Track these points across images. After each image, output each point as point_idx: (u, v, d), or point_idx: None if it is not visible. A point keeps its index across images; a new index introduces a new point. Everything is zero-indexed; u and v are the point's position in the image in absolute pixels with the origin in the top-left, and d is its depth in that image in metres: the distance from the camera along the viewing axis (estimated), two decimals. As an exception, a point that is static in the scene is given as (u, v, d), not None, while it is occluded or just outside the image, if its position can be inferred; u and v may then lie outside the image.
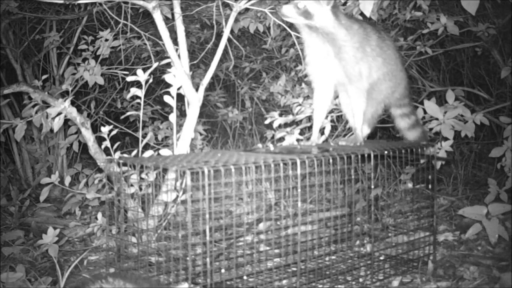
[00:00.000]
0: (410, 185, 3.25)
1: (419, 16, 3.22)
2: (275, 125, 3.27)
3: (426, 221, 2.63)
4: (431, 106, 2.80)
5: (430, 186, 2.51)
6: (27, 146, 4.54)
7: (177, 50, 2.86)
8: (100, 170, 3.17)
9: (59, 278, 2.32)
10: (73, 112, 2.91)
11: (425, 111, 2.87)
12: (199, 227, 2.00)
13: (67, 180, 2.95)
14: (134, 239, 2.64)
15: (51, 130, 2.95)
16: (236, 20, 3.42)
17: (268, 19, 3.39)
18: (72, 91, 3.25)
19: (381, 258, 2.63)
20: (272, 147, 2.54)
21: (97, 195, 2.99)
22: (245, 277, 2.19)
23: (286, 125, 3.28)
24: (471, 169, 4.02)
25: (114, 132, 2.90)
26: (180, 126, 3.04)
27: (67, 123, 3.07)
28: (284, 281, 2.38)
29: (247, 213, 3.17)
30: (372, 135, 2.67)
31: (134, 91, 2.85)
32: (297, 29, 2.59)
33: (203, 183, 1.85)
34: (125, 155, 2.86)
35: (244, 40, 4.89)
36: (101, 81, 3.47)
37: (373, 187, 2.64)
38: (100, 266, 2.70)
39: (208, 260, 1.95)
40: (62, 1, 3.23)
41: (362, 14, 2.81)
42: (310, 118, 3.30)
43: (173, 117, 2.86)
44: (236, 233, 2.78)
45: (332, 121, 3.24)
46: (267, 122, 3.32)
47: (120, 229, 2.41)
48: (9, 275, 2.40)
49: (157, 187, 2.85)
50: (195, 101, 2.87)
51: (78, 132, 3.14)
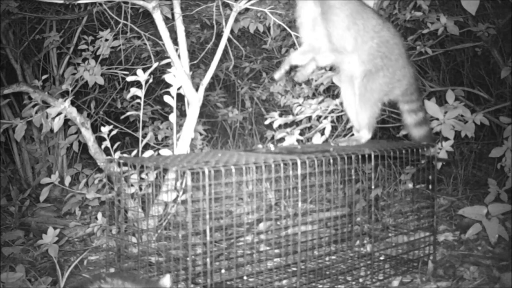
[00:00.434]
0: (410, 185, 3.25)
1: (419, 16, 3.22)
2: (275, 125, 3.27)
3: (426, 221, 2.63)
4: (431, 106, 2.80)
5: (430, 186, 2.51)
6: (27, 146, 4.54)
7: (177, 50, 2.86)
8: (100, 170, 3.17)
9: (59, 278, 2.32)
10: (73, 112, 2.91)
11: (426, 113, 2.87)
12: (199, 227, 2.00)
13: (67, 180, 2.95)
14: (134, 239, 2.64)
15: (51, 130, 2.95)
16: (236, 20, 3.42)
17: (268, 19, 3.39)
18: (72, 91, 3.25)
19: (381, 258, 2.63)
20: (272, 147, 2.54)
21: (97, 195, 2.99)
22: (245, 277, 2.19)
23: (286, 125, 3.28)
24: (471, 169, 4.02)
25: (114, 132, 2.90)
26: (180, 126, 3.05)
27: (67, 123, 3.07)
28: (284, 281, 2.38)
29: (247, 213, 3.17)
30: (372, 135, 2.67)
31: (134, 91, 2.85)
32: (297, 29, 2.60)
33: (204, 183, 1.85)
34: (125, 155, 2.86)
35: (244, 40, 4.89)
36: (101, 81, 3.47)
37: (373, 187, 2.64)
38: (100, 266, 2.70)
39: (208, 260, 1.95)
40: (62, 1, 3.23)
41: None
42: (310, 119, 3.30)
43: (173, 117, 2.86)
44: (236, 233, 2.78)
45: (332, 121, 3.24)
46: (267, 122, 3.32)
47: (120, 229, 2.40)
48: (9, 275, 2.40)
49: (157, 187, 2.85)
50: (195, 101, 2.87)
51: (78, 132, 3.14)
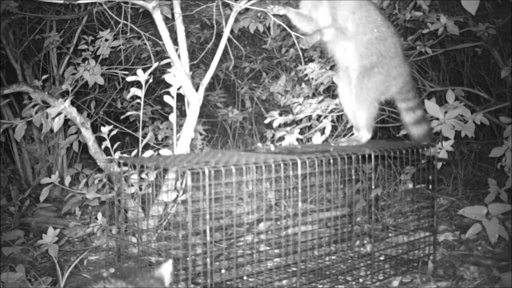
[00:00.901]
0: (410, 185, 3.25)
1: (419, 16, 3.22)
2: (275, 124, 3.27)
3: (426, 221, 2.63)
4: (431, 106, 2.80)
5: (430, 186, 2.51)
6: (27, 146, 4.54)
7: (177, 50, 2.86)
8: (100, 170, 3.17)
9: (59, 278, 2.32)
10: (73, 112, 2.91)
11: (425, 111, 2.87)
12: (199, 227, 2.00)
13: (67, 180, 2.95)
14: (134, 239, 2.64)
15: (51, 130, 2.95)
16: (236, 20, 3.42)
17: (268, 19, 3.39)
18: (72, 91, 3.25)
19: (381, 258, 2.63)
20: (273, 147, 2.54)
21: (97, 195, 2.99)
22: (245, 277, 2.19)
23: (286, 124, 3.28)
24: (471, 169, 4.02)
25: (114, 132, 2.90)
26: (180, 126, 3.05)
27: (67, 123, 3.07)
28: (284, 281, 2.38)
29: (247, 213, 3.17)
30: (372, 135, 2.67)
31: (134, 91, 2.85)
32: (297, 29, 2.60)
33: (204, 183, 1.85)
34: (125, 155, 2.86)
35: (244, 40, 4.89)
36: (101, 81, 3.47)
37: (373, 187, 2.64)
38: (100, 266, 2.70)
39: (208, 260, 1.95)
40: (62, 1, 3.23)
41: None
42: (310, 118, 3.30)
43: (173, 117, 2.86)
44: (236, 233, 2.78)
45: (332, 120, 3.24)
46: (267, 121, 3.32)
47: (120, 229, 2.40)
48: (9, 275, 2.40)
49: (157, 187, 2.85)
50: (195, 101, 2.87)
51: (78, 132, 3.13)
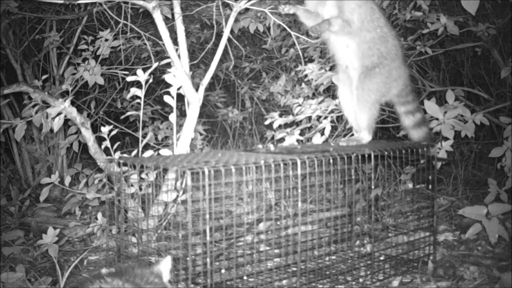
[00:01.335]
0: (410, 185, 3.25)
1: (419, 16, 3.22)
2: (275, 125, 3.27)
3: (426, 221, 2.63)
4: (431, 106, 2.80)
5: (430, 186, 2.51)
6: (27, 146, 4.54)
7: (177, 50, 2.86)
8: (100, 170, 3.17)
9: (59, 278, 2.32)
10: (73, 112, 2.91)
11: (425, 111, 2.87)
12: (199, 227, 2.00)
13: (67, 180, 2.95)
14: (134, 239, 2.64)
15: (51, 130, 2.95)
16: (236, 20, 3.42)
17: (268, 19, 3.39)
18: (72, 91, 3.25)
19: (381, 258, 2.63)
20: (272, 147, 2.54)
21: (97, 195, 2.99)
22: (245, 277, 2.19)
23: (286, 125, 3.28)
24: (471, 169, 4.02)
25: (114, 132, 2.90)
26: (180, 126, 3.05)
27: (67, 123, 3.07)
28: (284, 281, 2.38)
29: (247, 213, 3.17)
30: (372, 135, 2.67)
31: (134, 91, 2.85)
32: (297, 29, 2.60)
33: (204, 183, 1.85)
34: (125, 155, 2.86)
35: (244, 40, 4.89)
36: (101, 81, 3.47)
37: (373, 187, 2.64)
38: (100, 266, 2.70)
39: (208, 260, 1.95)
40: (62, 1, 3.23)
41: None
42: (310, 119, 3.30)
43: (173, 117, 2.86)
44: (236, 233, 2.78)
45: (332, 121, 3.24)
46: (267, 122, 3.32)
47: (120, 229, 2.40)
48: (9, 275, 2.40)
49: (157, 187, 2.85)
50: (195, 101, 2.87)
51: (78, 132, 3.14)
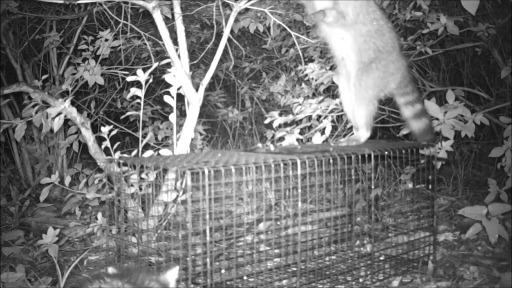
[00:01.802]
0: (410, 185, 3.25)
1: (419, 16, 3.22)
2: (275, 124, 3.27)
3: (426, 221, 2.63)
4: (431, 106, 2.80)
5: (430, 186, 2.51)
6: (27, 146, 4.54)
7: (177, 50, 2.86)
8: (100, 170, 3.17)
9: (59, 278, 2.32)
10: (73, 112, 2.91)
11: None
12: (199, 227, 2.00)
13: (67, 180, 2.95)
14: (134, 239, 2.64)
15: (51, 130, 2.95)
16: (236, 20, 3.42)
17: (268, 19, 3.39)
18: (72, 91, 3.25)
19: (381, 258, 2.63)
20: (272, 147, 2.54)
21: (97, 195, 2.99)
22: (245, 277, 2.18)
23: (286, 124, 3.28)
24: (471, 169, 4.02)
25: (114, 132, 2.90)
26: (180, 126, 3.05)
27: (67, 123, 3.07)
28: (284, 281, 2.38)
29: (247, 213, 3.17)
30: (372, 135, 2.67)
31: (134, 91, 2.85)
32: (297, 29, 2.60)
33: (203, 183, 1.85)
34: (125, 155, 2.86)
35: (244, 40, 4.89)
36: (101, 81, 3.47)
37: (373, 187, 2.64)
38: (100, 266, 2.70)
39: (208, 260, 1.95)
40: (62, 1, 3.23)
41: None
42: (310, 118, 3.30)
43: (173, 117, 2.86)
44: (236, 233, 2.78)
45: (332, 121, 3.24)
46: (267, 121, 3.32)
47: (120, 229, 2.40)
48: (9, 275, 2.40)
49: (157, 187, 2.85)
50: (195, 101, 2.87)
51: (78, 132, 3.13)
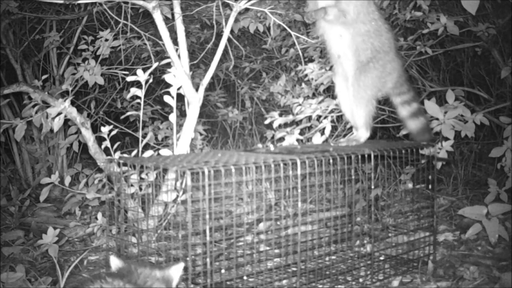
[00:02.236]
0: (410, 185, 3.25)
1: (419, 16, 3.22)
2: (275, 125, 3.27)
3: (426, 221, 2.63)
4: (431, 106, 2.80)
5: (430, 186, 2.51)
6: (27, 146, 4.54)
7: (177, 50, 2.86)
8: (100, 170, 3.17)
9: (59, 278, 2.32)
10: (73, 112, 2.91)
11: (425, 111, 2.87)
12: (199, 227, 2.00)
13: (67, 180, 2.95)
14: (134, 239, 2.64)
15: (51, 130, 2.95)
16: (236, 20, 3.42)
17: (268, 19, 3.39)
18: (72, 91, 3.25)
19: (381, 258, 2.63)
20: (272, 147, 2.54)
21: (97, 195, 2.99)
22: (245, 277, 2.19)
23: (286, 125, 3.28)
24: (471, 169, 4.02)
25: (114, 132, 2.90)
26: (180, 126, 3.04)
27: (67, 123, 3.07)
28: (284, 281, 2.38)
29: (247, 213, 3.17)
30: (372, 135, 2.67)
31: (134, 91, 2.85)
32: (297, 29, 2.60)
33: (203, 183, 1.85)
34: (125, 155, 2.86)
35: (244, 40, 4.89)
36: (101, 81, 3.47)
37: (373, 187, 2.64)
38: (100, 266, 2.70)
39: (208, 260, 1.95)
40: (62, 1, 3.23)
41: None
42: (310, 118, 3.30)
43: (173, 117, 2.86)
44: (236, 233, 2.78)
45: (332, 121, 3.24)
46: (267, 122, 3.32)
47: (120, 229, 2.40)
48: (9, 275, 2.40)
49: (157, 187, 2.85)
50: (195, 101, 2.87)
51: (78, 132, 3.13)
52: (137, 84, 2.87)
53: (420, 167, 2.60)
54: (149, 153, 2.79)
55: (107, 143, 2.86)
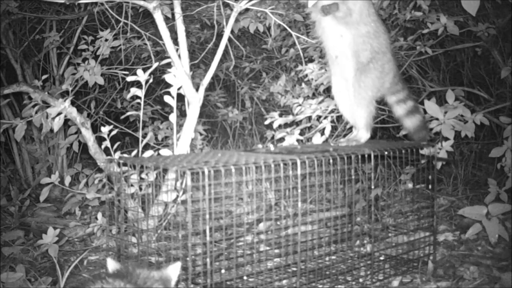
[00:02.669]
0: (410, 185, 3.25)
1: (419, 16, 3.22)
2: (275, 125, 3.27)
3: (426, 221, 2.63)
4: (431, 106, 2.80)
5: (430, 186, 2.51)
6: (27, 146, 4.54)
7: (177, 50, 2.86)
8: (100, 170, 3.17)
9: (59, 278, 2.32)
10: (73, 112, 2.91)
11: (425, 111, 2.87)
12: (199, 227, 2.00)
13: (67, 180, 2.95)
14: (134, 239, 2.64)
15: (51, 130, 2.95)
16: (236, 20, 3.42)
17: (268, 19, 3.39)
18: (72, 91, 3.25)
19: (381, 258, 2.63)
20: (272, 147, 2.54)
21: (97, 195, 2.99)
22: (245, 277, 2.19)
23: (286, 125, 3.28)
24: (471, 169, 4.02)
25: (114, 132, 2.90)
26: (180, 126, 3.04)
27: (67, 123, 3.07)
28: (284, 281, 2.38)
29: (247, 213, 3.17)
30: (372, 135, 2.67)
31: (134, 91, 2.85)
32: (297, 29, 2.60)
33: (203, 183, 1.85)
34: (125, 155, 2.86)
35: (244, 40, 4.89)
36: (101, 81, 3.47)
37: (373, 187, 2.64)
38: (100, 266, 2.70)
39: (208, 260, 1.95)
40: (62, 1, 3.23)
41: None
42: (310, 118, 3.30)
43: (173, 117, 2.86)
44: (236, 233, 2.78)
45: (332, 121, 3.24)
46: (267, 122, 3.32)
47: (120, 229, 2.40)
48: (9, 275, 2.40)
49: (157, 187, 2.85)
50: (195, 101, 2.87)
51: (78, 132, 3.13)
52: (137, 84, 2.87)
53: (420, 167, 2.60)
54: (149, 153, 2.79)
55: (107, 143, 2.86)
